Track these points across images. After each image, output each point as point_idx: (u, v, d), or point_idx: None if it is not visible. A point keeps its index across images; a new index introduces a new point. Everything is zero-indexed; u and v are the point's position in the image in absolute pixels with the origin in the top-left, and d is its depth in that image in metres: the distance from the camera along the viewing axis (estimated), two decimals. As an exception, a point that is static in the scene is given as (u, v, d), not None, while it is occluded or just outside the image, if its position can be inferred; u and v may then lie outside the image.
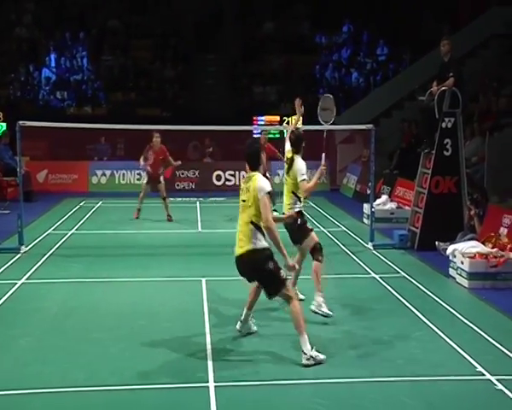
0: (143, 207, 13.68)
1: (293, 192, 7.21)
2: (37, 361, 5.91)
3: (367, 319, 7.18)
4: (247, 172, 6.20)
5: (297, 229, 7.13)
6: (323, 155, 7.94)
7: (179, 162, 13.81)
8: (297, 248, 7.29)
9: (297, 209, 7.18)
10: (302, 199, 7.27)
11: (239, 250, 6.01)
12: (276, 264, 5.92)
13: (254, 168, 6.10)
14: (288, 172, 7.29)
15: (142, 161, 13.56)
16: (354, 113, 18.85)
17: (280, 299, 6.16)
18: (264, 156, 13.76)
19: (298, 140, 7.31)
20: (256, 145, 6.41)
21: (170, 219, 13.24)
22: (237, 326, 6.56)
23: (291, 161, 7.24)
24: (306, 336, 5.85)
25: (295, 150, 7.28)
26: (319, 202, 15.22)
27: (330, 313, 6.99)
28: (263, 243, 5.93)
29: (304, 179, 7.05)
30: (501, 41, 18.26)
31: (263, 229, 5.89)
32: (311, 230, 7.27)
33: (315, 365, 5.75)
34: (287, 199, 7.31)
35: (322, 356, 5.84)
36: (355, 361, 5.94)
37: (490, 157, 12.44)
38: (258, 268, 5.94)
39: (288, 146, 7.45)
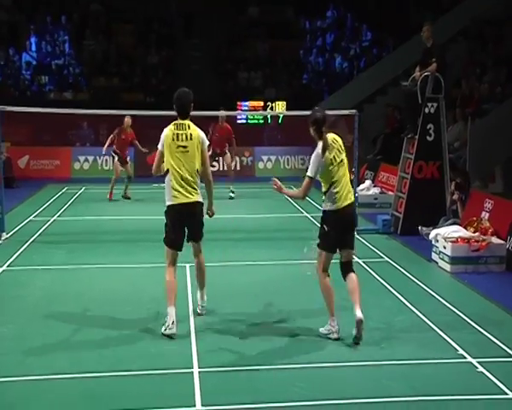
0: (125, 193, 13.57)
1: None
2: (18, 349, 5.86)
3: (350, 304, 7.19)
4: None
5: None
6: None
7: (146, 150, 14.23)
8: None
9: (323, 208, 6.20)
10: (324, 196, 6.14)
11: (192, 198, 6.26)
12: None
13: (186, 117, 6.36)
14: None
15: (105, 147, 14.00)
16: (338, 98, 18.85)
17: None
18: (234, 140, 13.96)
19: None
20: (188, 95, 6.44)
21: (128, 197, 13.98)
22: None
23: None
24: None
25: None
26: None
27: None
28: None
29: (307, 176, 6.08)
30: (483, 27, 18.31)
31: (207, 180, 6.45)
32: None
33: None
34: None
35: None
36: (338, 345, 5.98)
37: (472, 142, 12.53)
38: (199, 218, 6.45)
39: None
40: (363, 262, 8.89)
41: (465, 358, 5.70)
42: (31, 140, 18.47)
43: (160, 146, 6.35)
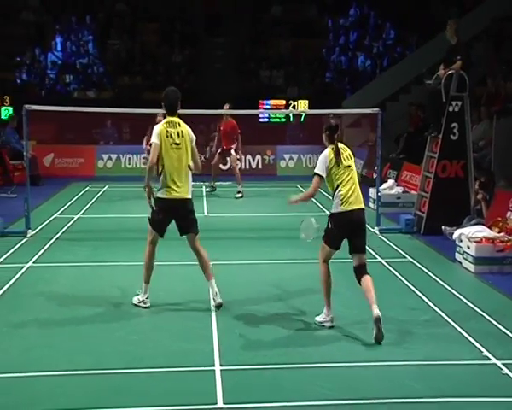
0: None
1: None
2: (43, 345, 5.95)
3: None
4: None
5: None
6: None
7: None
8: None
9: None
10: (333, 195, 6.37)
11: (182, 194, 6.66)
12: None
13: (174, 114, 6.76)
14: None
15: (144, 144, 13.82)
16: (361, 97, 18.75)
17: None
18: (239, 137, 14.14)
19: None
20: (175, 93, 6.84)
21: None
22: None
23: None
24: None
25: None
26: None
27: None
28: None
29: (315, 174, 6.36)
30: (508, 25, 18.07)
31: (197, 170, 6.87)
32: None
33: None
34: None
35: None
36: (361, 345, 5.95)
37: (497, 141, 12.36)
38: (189, 215, 6.82)
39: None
40: (386, 262, 8.83)
41: (490, 359, 5.64)
42: (55, 138, 18.67)
43: (156, 140, 6.65)
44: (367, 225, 6.57)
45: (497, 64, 16.31)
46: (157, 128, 6.70)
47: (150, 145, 13.99)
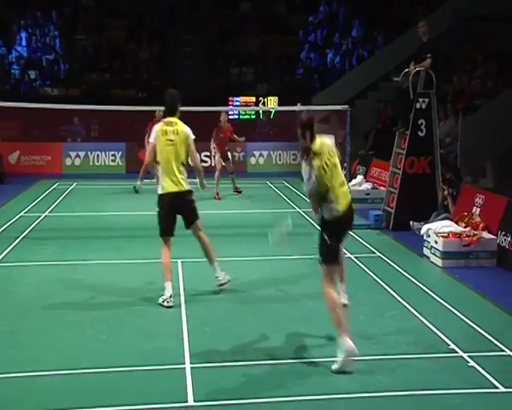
0: (119, 188, 13.50)
1: None
2: (9, 346, 5.85)
3: (342, 299, 7.23)
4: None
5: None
6: None
7: (243, 138, 15.01)
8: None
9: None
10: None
11: (180, 187, 6.94)
12: None
13: (173, 114, 7.10)
14: None
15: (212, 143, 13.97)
16: (330, 93, 18.85)
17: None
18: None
19: None
20: (173, 95, 7.19)
21: (239, 191, 14.20)
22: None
23: None
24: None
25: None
26: (294, 182, 15.24)
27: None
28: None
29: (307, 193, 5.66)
30: (474, 23, 18.35)
31: (196, 168, 7.26)
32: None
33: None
34: None
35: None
36: (329, 340, 5.98)
37: (463, 138, 12.56)
38: (190, 205, 7.10)
39: None
40: (355, 257, 8.91)
41: (456, 352, 5.73)
42: (21, 136, 18.38)
43: (152, 139, 7.10)
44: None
45: (461, 62, 16.56)
46: (155, 128, 7.17)
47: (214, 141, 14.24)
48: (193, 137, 7.08)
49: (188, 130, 7.07)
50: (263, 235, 10.30)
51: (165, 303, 6.83)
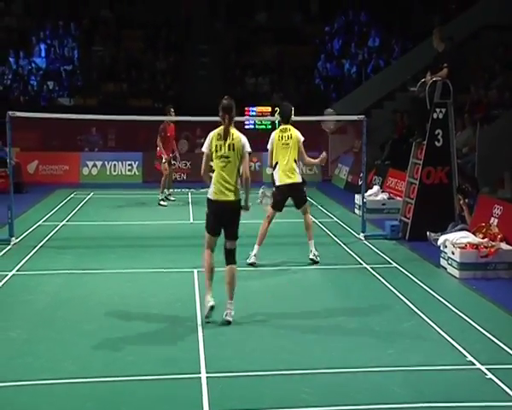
0: (136, 197, 13.55)
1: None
2: (27, 353, 5.89)
3: (358, 310, 7.20)
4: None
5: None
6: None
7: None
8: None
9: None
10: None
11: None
12: None
13: (287, 122, 8.78)
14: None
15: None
16: (346, 103, 18.85)
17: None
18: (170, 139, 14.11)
19: None
20: (289, 107, 8.86)
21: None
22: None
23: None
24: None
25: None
26: (311, 193, 15.17)
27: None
28: None
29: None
30: (491, 32, 18.28)
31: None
32: None
33: None
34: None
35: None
36: (345, 351, 5.96)
37: (481, 148, 12.48)
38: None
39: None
40: (371, 268, 8.86)
41: (474, 364, 5.67)
42: (40, 145, 18.57)
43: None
44: (353, 231, 6.56)
45: (479, 72, 16.48)
46: (272, 135, 8.97)
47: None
48: (302, 139, 8.72)
49: (299, 135, 8.69)
50: (278, 244, 10.35)
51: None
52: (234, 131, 6.66)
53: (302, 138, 8.77)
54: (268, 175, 18.57)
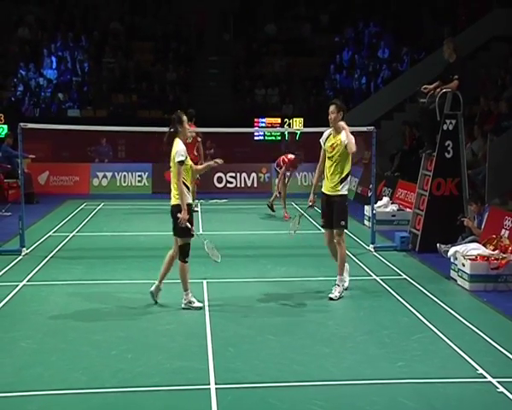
0: (146, 208, 13.55)
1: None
2: (37, 364, 5.91)
3: (368, 321, 7.18)
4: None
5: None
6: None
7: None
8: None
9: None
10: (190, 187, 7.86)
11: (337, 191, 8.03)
12: None
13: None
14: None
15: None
16: (355, 115, 18.85)
17: None
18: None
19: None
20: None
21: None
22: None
23: None
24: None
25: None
26: (320, 204, 15.17)
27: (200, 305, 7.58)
28: None
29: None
30: (501, 44, 18.26)
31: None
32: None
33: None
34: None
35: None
36: (356, 363, 5.94)
37: (491, 159, 12.43)
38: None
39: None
40: (381, 279, 8.84)
41: (485, 377, 5.63)
42: (50, 156, 18.71)
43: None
44: (362, 243, 6.55)
45: (489, 83, 16.45)
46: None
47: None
48: (346, 142, 8.29)
49: (344, 138, 8.27)
50: (289, 256, 10.35)
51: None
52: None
53: (345, 142, 8.39)
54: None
